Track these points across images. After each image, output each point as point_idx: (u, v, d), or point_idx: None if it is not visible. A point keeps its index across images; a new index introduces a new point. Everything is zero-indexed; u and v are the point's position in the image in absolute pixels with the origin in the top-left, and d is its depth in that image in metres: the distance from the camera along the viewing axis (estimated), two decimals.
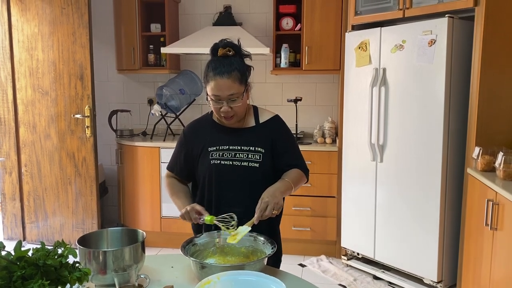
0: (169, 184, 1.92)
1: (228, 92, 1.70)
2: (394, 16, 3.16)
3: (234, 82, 1.70)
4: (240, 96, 1.72)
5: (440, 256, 2.99)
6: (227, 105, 1.71)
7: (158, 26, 4.17)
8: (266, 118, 1.88)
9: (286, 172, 1.82)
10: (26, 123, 4.00)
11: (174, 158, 1.94)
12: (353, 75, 3.44)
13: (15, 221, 4.15)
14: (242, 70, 1.73)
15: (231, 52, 1.74)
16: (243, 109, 1.79)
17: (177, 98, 4.09)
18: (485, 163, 2.62)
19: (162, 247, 3.93)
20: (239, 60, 1.75)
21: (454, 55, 2.87)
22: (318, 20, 3.83)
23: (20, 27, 3.90)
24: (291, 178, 1.79)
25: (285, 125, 1.92)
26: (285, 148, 1.85)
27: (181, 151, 1.90)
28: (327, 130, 4.01)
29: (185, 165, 1.89)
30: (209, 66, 1.73)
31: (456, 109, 2.94)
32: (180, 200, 1.83)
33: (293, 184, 1.77)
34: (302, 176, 1.86)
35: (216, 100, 1.72)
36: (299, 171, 1.84)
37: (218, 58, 1.74)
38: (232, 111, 1.73)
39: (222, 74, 1.68)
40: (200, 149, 1.84)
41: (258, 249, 1.62)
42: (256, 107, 1.91)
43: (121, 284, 1.33)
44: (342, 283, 3.35)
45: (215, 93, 1.71)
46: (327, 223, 3.81)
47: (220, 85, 1.69)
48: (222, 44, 1.76)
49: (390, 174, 3.22)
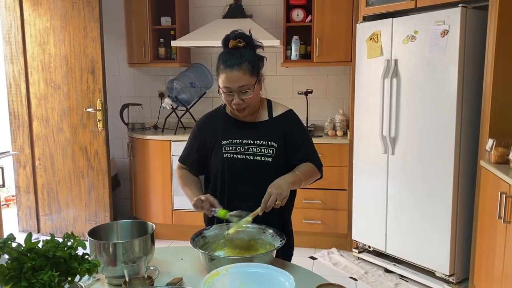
0: (181, 175, 1.91)
1: (238, 84, 1.68)
2: (406, 7, 3.11)
3: (245, 74, 1.68)
4: (251, 87, 1.70)
5: (452, 249, 2.96)
6: (238, 97, 1.70)
7: (168, 20, 4.17)
8: (279, 112, 1.85)
9: (298, 166, 1.79)
10: (39, 117, 4.05)
11: (187, 150, 1.93)
12: (364, 67, 3.41)
13: (30, 214, 4.22)
14: (253, 62, 1.71)
15: (241, 43, 1.72)
16: (255, 101, 1.77)
17: (187, 91, 4.09)
18: (499, 155, 2.58)
19: (173, 240, 3.96)
20: (250, 52, 1.73)
21: (467, 46, 2.82)
22: (329, 11, 3.80)
23: (32, 21, 3.94)
24: (302, 171, 1.76)
25: (299, 119, 1.90)
26: (299, 143, 1.83)
27: (194, 143, 1.90)
28: (338, 123, 3.99)
29: (198, 158, 1.89)
30: (220, 59, 1.72)
31: (469, 100, 2.89)
32: (192, 191, 1.83)
33: (303, 177, 1.73)
34: (315, 171, 1.82)
35: (228, 93, 1.71)
36: (311, 165, 1.81)
37: (229, 50, 1.73)
38: (244, 103, 1.72)
39: (232, 66, 1.67)
40: (213, 142, 1.83)
41: (267, 241, 1.62)
42: (270, 100, 1.89)
43: (130, 276, 1.34)
44: (353, 276, 3.34)
45: (226, 85, 1.70)
46: (338, 216, 3.80)
47: (231, 77, 1.68)
48: (233, 35, 1.74)
49: (402, 166, 3.19)
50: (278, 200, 1.60)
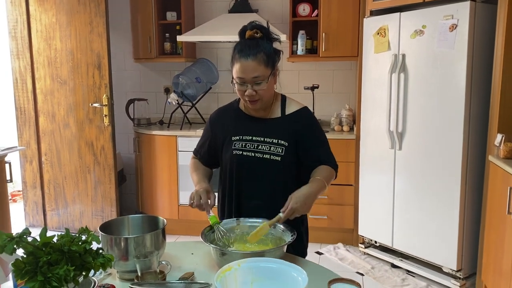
0: (192, 163, 1.93)
1: (252, 75, 1.64)
2: (414, 1, 3.09)
3: (260, 65, 1.64)
4: (265, 79, 1.66)
5: (459, 244, 2.95)
6: (251, 88, 1.66)
7: (174, 14, 4.16)
8: (292, 109, 1.79)
9: (316, 169, 1.73)
10: (46, 112, 4.05)
11: (200, 142, 1.93)
12: (371, 62, 3.39)
13: (36, 209, 4.23)
14: (269, 53, 1.68)
15: (258, 34, 1.69)
16: (269, 94, 1.73)
17: (193, 87, 4.09)
18: (508, 150, 2.57)
19: (180, 235, 3.97)
20: (267, 43, 1.70)
21: (476, 40, 2.80)
22: (336, 6, 3.78)
23: (38, 16, 3.93)
24: (324, 176, 1.69)
25: (313, 118, 1.83)
26: (313, 143, 1.76)
27: (206, 137, 1.89)
28: (344, 118, 3.98)
29: (208, 151, 1.88)
30: (236, 48, 1.69)
31: (478, 95, 2.88)
32: (198, 176, 1.82)
33: (326, 182, 1.68)
34: (332, 174, 1.76)
35: (241, 83, 1.67)
36: (329, 169, 1.75)
37: (245, 40, 1.69)
38: (257, 95, 1.67)
39: (247, 56, 1.64)
40: (224, 137, 1.81)
41: (277, 236, 1.62)
42: (284, 96, 1.84)
43: (142, 271, 1.34)
44: (360, 271, 3.34)
45: (239, 75, 1.66)
46: (345, 211, 3.80)
47: (245, 67, 1.64)
48: (250, 26, 1.71)
49: (409, 162, 3.19)
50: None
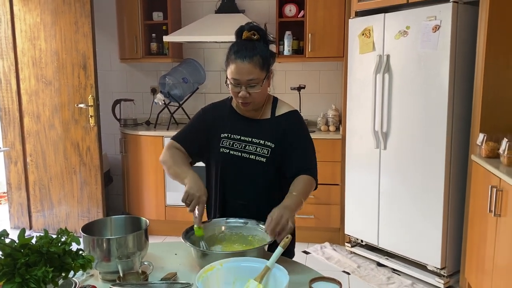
0: (172, 154, 1.76)
1: (247, 77, 1.64)
2: (398, 2, 3.13)
3: (255, 67, 1.64)
4: (260, 82, 1.66)
5: (443, 242, 2.99)
6: (245, 90, 1.65)
7: (160, 15, 4.15)
8: (282, 111, 1.79)
9: (295, 182, 1.69)
10: (30, 113, 4.01)
11: (187, 130, 1.84)
12: (356, 62, 3.42)
13: (21, 210, 4.19)
14: (265, 56, 1.67)
15: (255, 36, 1.68)
16: (262, 96, 1.72)
17: (180, 87, 4.08)
18: (489, 150, 2.61)
19: (166, 235, 3.96)
20: (263, 45, 1.69)
21: (459, 41, 2.84)
22: (322, 6, 3.80)
23: (22, 16, 3.89)
24: (302, 192, 1.66)
25: (301, 121, 1.81)
26: (296, 147, 1.75)
27: (197, 126, 1.83)
28: (330, 118, 4.00)
29: (198, 141, 1.80)
30: (232, 49, 1.68)
31: (461, 95, 2.92)
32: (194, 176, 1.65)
33: (303, 198, 1.65)
34: (312, 185, 1.72)
35: (235, 84, 1.66)
36: (309, 180, 1.71)
37: (242, 41, 1.68)
38: (250, 97, 1.67)
39: (243, 58, 1.63)
40: (214, 131, 1.79)
41: (261, 237, 1.62)
42: (276, 98, 1.84)
43: (125, 271, 1.34)
44: (346, 269, 3.36)
45: (234, 76, 1.65)
46: (331, 210, 3.82)
47: (240, 69, 1.63)
48: (247, 27, 1.70)
49: (394, 161, 3.22)
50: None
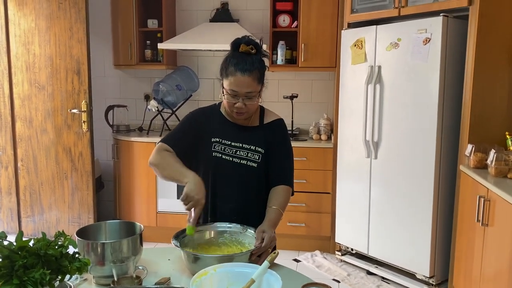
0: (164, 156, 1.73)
1: (246, 90, 1.70)
2: (390, 15, 3.19)
3: (254, 81, 1.70)
4: (256, 95, 1.73)
5: (432, 251, 3.03)
6: (242, 102, 1.71)
7: (155, 22, 4.18)
8: (270, 119, 1.88)
9: (277, 195, 1.79)
10: (23, 117, 4.00)
11: (178, 134, 1.82)
12: (348, 73, 3.47)
13: (11, 215, 4.16)
14: (262, 70, 1.74)
15: (253, 50, 1.73)
16: (255, 107, 1.79)
17: (173, 94, 4.11)
18: (478, 160, 2.66)
19: (158, 242, 3.96)
20: (260, 60, 1.76)
21: (449, 54, 2.91)
22: (315, 17, 3.86)
23: (17, 21, 3.90)
24: (282, 205, 1.77)
25: (286, 130, 1.91)
26: (280, 155, 1.84)
27: (189, 130, 1.83)
28: (322, 127, 4.04)
29: (190, 145, 1.80)
30: (230, 60, 1.72)
31: (450, 106, 2.98)
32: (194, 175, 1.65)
33: (283, 211, 1.76)
34: (289, 195, 1.84)
35: (233, 95, 1.71)
36: (286, 190, 1.82)
37: (240, 54, 1.73)
38: (245, 108, 1.73)
39: (243, 71, 1.68)
40: (202, 136, 1.81)
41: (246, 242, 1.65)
42: (263, 107, 1.91)
43: (119, 276, 1.35)
44: (336, 278, 3.39)
45: (233, 88, 1.70)
46: (322, 219, 3.85)
47: (240, 81, 1.68)
48: (245, 40, 1.75)
49: (384, 170, 3.26)
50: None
